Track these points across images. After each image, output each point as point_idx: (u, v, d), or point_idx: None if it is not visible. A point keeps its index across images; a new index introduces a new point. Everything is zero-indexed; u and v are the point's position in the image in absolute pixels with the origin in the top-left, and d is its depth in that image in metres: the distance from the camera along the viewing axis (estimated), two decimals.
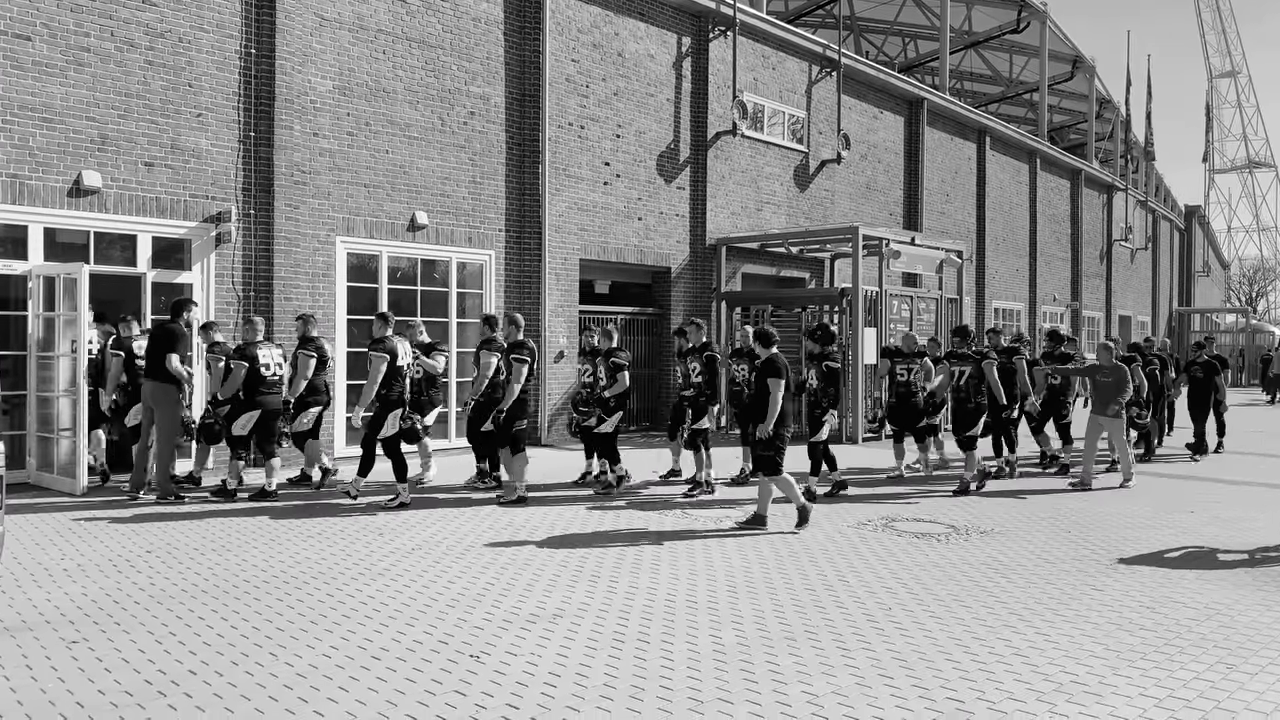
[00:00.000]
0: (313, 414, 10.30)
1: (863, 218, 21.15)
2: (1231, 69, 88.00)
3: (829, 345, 10.50)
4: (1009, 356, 12.04)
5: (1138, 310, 39.32)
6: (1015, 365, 11.97)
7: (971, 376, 10.93)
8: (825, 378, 10.30)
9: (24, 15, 9.84)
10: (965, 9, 29.92)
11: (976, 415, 10.94)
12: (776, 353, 8.73)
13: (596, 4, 15.48)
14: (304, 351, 10.06)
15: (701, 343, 10.73)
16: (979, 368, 10.99)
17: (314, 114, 12.06)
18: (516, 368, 9.62)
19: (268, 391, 9.75)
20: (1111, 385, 11.40)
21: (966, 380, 10.92)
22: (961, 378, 10.97)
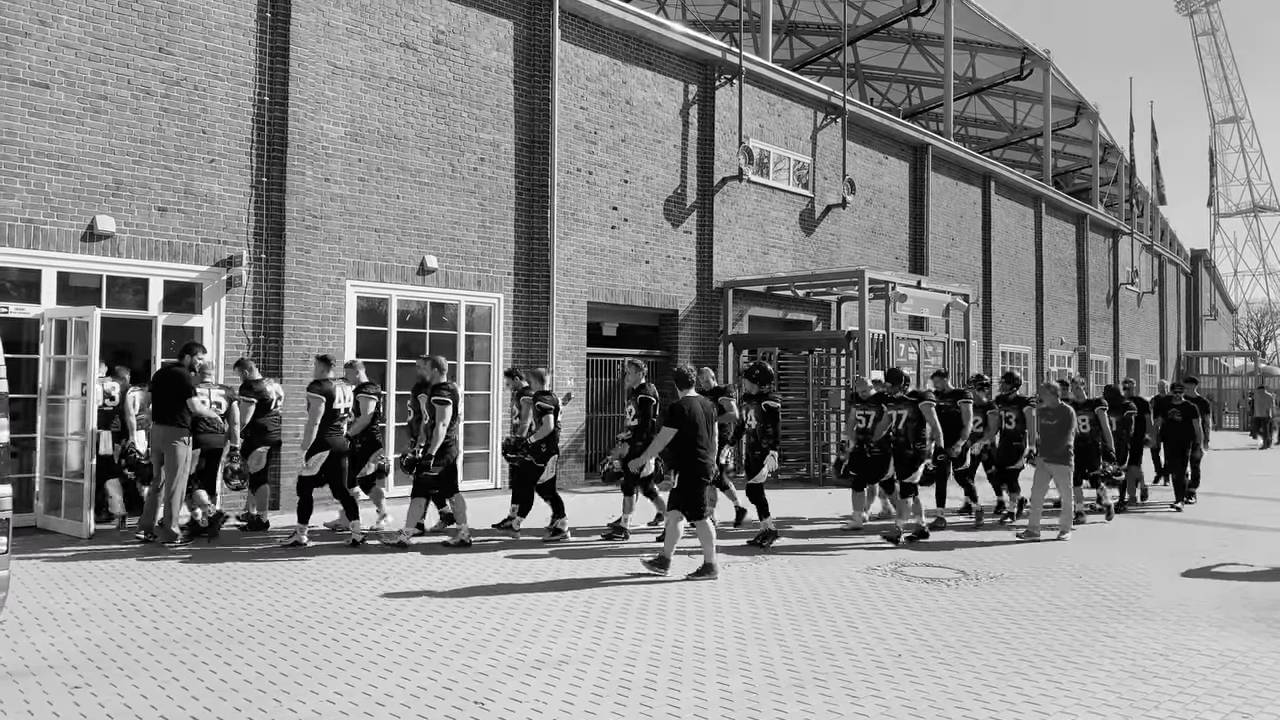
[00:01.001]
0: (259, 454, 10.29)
1: (868, 261, 21.24)
2: (1234, 114, 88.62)
3: (766, 385, 10.28)
4: (953, 400, 11.59)
5: (1146, 354, 39.25)
6: (959, 409, 11.50)
7: (910, 420, 10.56)
8: (764, 418, 10.14)
9: (43, 64, 10.04)
10: (969, 56, 30.29)
11: (916, 461, 10.55)
12: (692, 395, 8.45)
13: (605, 53, 15.72)
14: (243, 396, 10.16)
15: (639, 384, 10.47)
16: (917, 410, 10.61)
17: (326, 160, 12.21)
18: (439, 409, 9.36)
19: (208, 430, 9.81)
20: (1055, 429, 10.89)
21: (905, 424, 10.56)
22: (899, 421, 10.60)
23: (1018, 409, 11.93)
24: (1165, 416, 13.91)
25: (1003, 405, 12.09)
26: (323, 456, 9.57)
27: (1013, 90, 32.59)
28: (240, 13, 11.52)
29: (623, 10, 15.69)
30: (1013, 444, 11.94)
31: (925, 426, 10.64)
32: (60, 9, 10.14)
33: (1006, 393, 12.23)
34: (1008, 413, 11.96)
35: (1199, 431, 13.80)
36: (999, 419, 12.00)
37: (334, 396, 9.63)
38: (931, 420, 10.64)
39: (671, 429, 8.20)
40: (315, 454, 9.54)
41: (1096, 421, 11.94)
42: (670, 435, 8.21)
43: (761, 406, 10.20)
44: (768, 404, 10.19)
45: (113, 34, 10.51)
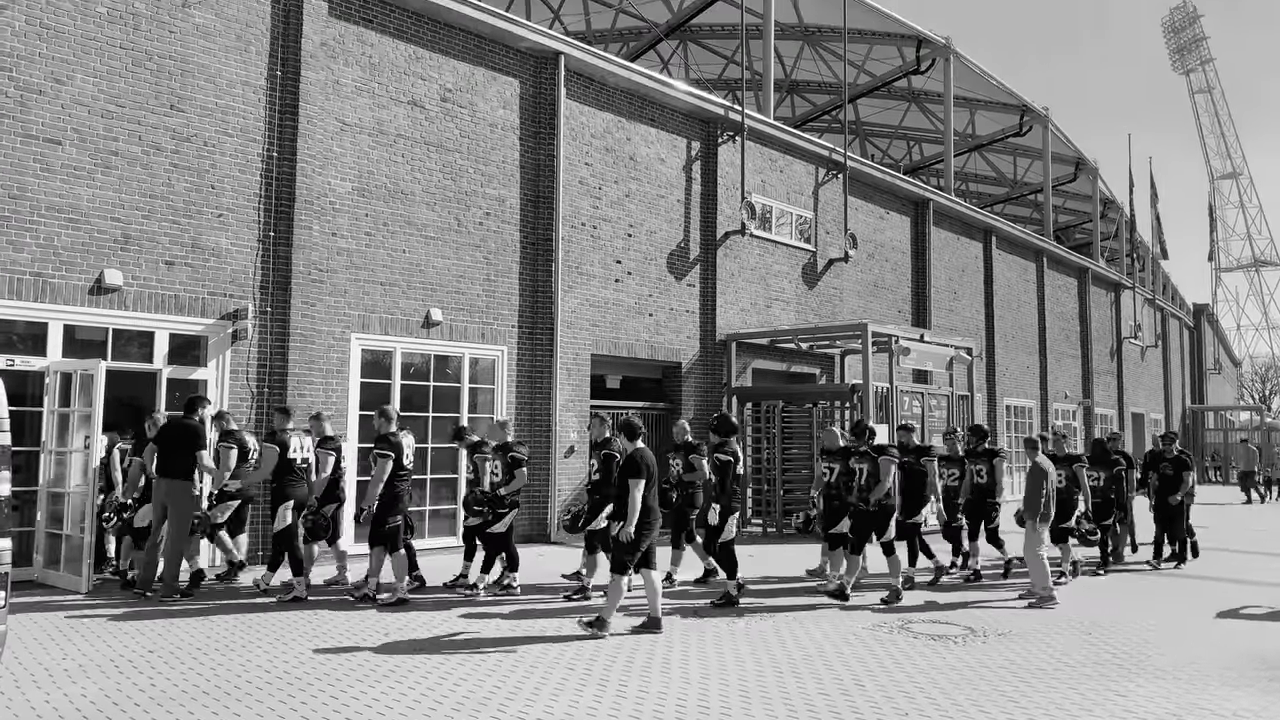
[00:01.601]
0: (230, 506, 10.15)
1: (871, 315, 21.31)
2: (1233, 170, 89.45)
3: (727, 436, 10.02)
4: (918, 456, 11.31)
5: (1150, 407, 39.14)
6: (924, 466, 11.21)
7: (871, 475, 10.18)
8: (716, 470, 9.95)
9: (56, 121, 10.20)
10: (969, 114, 30.70)
11: (884, 518, 10.16)
12: (641, 448, 8.26)
13: (609, 111, 15.96)
14: (223, 444, 10.04)
15: (603, 438, 10.23)
16: (876, 464, 10.21)
17: (333, 214, 12.34)
18: (380, 462, 9.24)
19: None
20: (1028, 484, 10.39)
21: (866, 480, 10.18)
22: (861, 476, 10.23)
23: (988, 462, 11.61)
24: (1158, 471, 13.53)
25: (972, 458, 11.77)
26: (289, 506, 9.58)
27: (1012, 146, 32.98)
28: (251, 71, 11.74)
29: (627, 70, 15.96)
30: (985, 499, 11.61)
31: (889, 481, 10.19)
32: (75, 68, 10.34)
33: (974, 445, 11.86)
34: (978, 466, 11.65)
35: (1187, 483, 13.26)
36: (971, 472, 11.69)
37: (288, 446, 9.67)
38: (884, 476, 10.13)
39: (639, 480, 8.01)
40: (280, 505, 9.57)
41: (1074, 477, 11.57)
42: (640, 486, 8.00)
43: (714, 459, 10.01)
44: (719, 456, 9.95)
45: (125, 91, 10.70)
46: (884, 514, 10.19)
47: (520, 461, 9.97)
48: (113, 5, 10.65)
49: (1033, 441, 10.78)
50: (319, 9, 12.23)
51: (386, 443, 9.31)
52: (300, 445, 9.87)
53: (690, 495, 10.76)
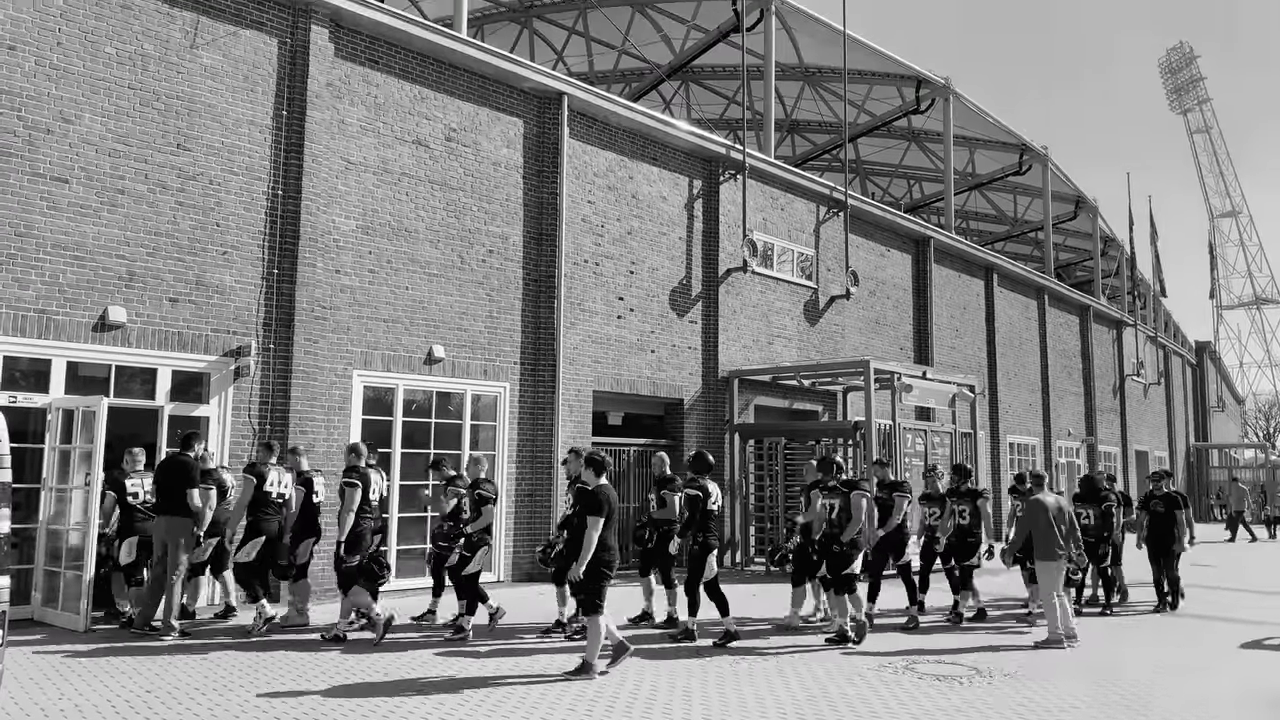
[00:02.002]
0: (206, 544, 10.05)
1: (873, 352, 21.32)
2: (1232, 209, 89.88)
3: (701, 473, 9.92)
4: (890, 491, 11.07)
5: (1154, 445, 39.00)
6: (894, 500, 10.96)
7: (842, 511, 9.88)
8: (686, 504, 9.82)
9: (64, 160, 10.30)
10: (968, 152, 30.93)
11: (852, 554, 9.76)
12: (604, 485, 8.14)
13: (612, 150, 16.09)
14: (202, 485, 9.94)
15: (579, 474, 9.90)
16: (847, 500, 9.91)
17: (337, 252, 12.41)
18: (347, 493, 9.15)
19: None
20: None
21: (837, 515, 9.89)
22: (832, 512, 9.95)
23: (971, 502, 11.42)
24: (1149, 510, 13.08)
25: (955, 498, 11.55)
26: (258, 542, 9.57)
27: (1012, 185, 33.18)
28: (258, 110, 11.86)
29: (629, 110, 16.12)
30: (967, 539, 11.39)
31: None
32: (83, 107, 10.45)
33: (957, 484, 11.67)
34: (961, 506, 11.44)
35: (1183, 524, 12.74)
36: (953, 512, 11.48)
37: (264, 479, 9.66)
38: (856, 513, 9.85)
39: (598, 517, 7.87)
40: (250, 540, 9.54)
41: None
42: (599, 525, 7.85)
43: (685, 493, 9.90)
44: (687, 491, 9.84)
45: (133, 131, 10.81)
46: (853, 550, 9.83)
47: (487, 499, 9.77)
48: (121, 47, 10.79)
49: (1038, 476, 10.70)
50: (325, 50, 12.38)
51: (355, 473, 9.35)
52: (278, 480, 9.85)
53: (668, 533, 10.47)
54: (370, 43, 12.98)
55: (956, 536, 11.44)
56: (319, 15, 12.28)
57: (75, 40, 10.45)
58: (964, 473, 11.86)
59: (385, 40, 13.10)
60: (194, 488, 9.42)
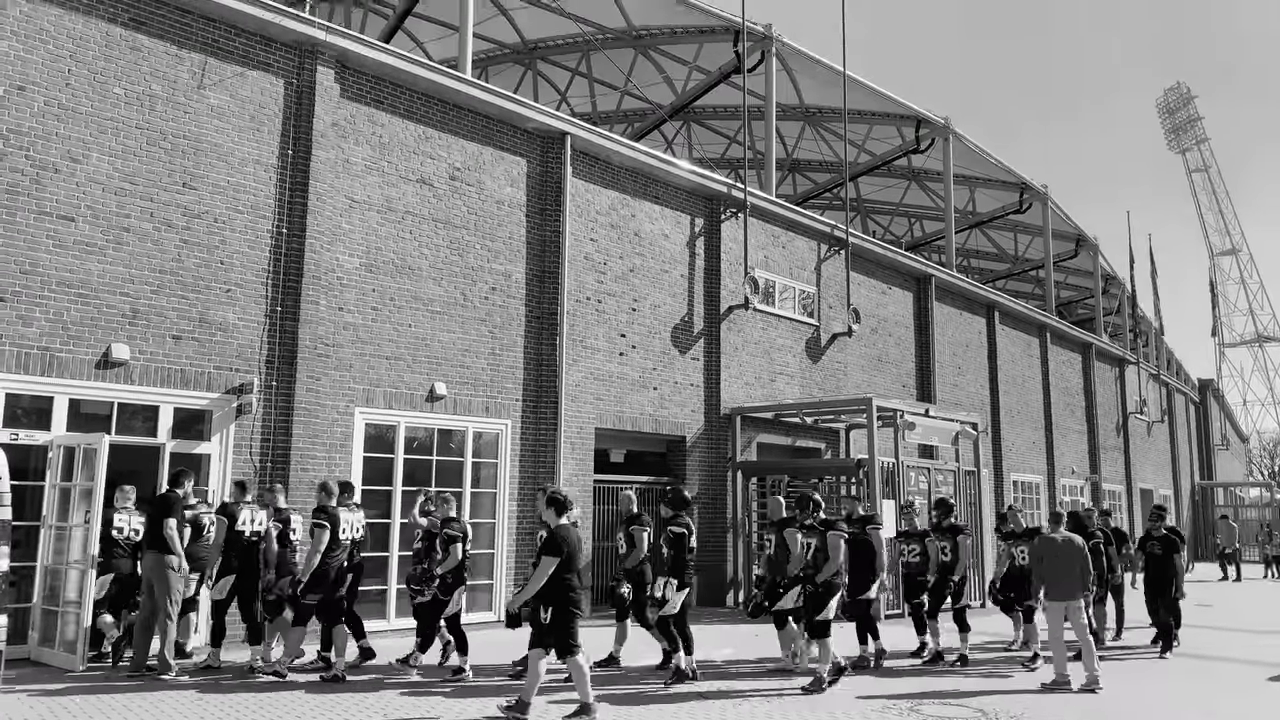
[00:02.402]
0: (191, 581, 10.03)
1: (876, 389, 21.30)
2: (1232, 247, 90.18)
3: (680, 510, 9.83)
4: (863, 526, 10.81)
5: (1159, 484, 38.80)
6: (869, 536, 10.72)
7: (819, 550, 9.58)
8: (670, 544, 9.70)
9: (71, 198, 10.38)
10: (969, 191, 31.11)
11: (827, 596, 9.47)
12: (566, 525, 8.00)
13: (614, 189, 16.21)
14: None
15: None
16: (825, 540, 9.60)
17: (340, 290, 12.46)
18: (317, 534, 9.12)
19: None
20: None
21: (814, 555, 9.61)
22: (809, 551, 9.69)
23: (952, 538, 11.26)
24: (1145, 550, 12.72)
25: (937, 534, 11.39)
26: (229, 580, 9.53)
27: (1013, 223, 33.32)
28: (263, 150, 11.97)
29: (631, 149, 16.26)
30: (948, 577, 11.23)
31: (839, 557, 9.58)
32: (91, 147, 10.56)
33: (938, 520, 11.48)
34: (943, 543, 11.30)
35: (1179, 567, 12.39)
36: (936, 549, 11.33)
37: (236, 518, 9.61)
38: (833, 554, 9.54)
39: (553, 558, 7.73)
40: (222, 578, 9.52)
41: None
42: (552, 565, 7.72)
43: (667, 532, 9.80)
44: (671, 529, 9.75)
45: (140, 170, 10.91)
46: (828, 592, 9.52)
47: (454, 538, 9.68)
48: (130, 87, 10.92)
49: (1057, 515, 10.55)
50: (331, 91, 12.53)
51: (324, 513, 9.31)
52: (251, 518, 9.79)
53: (638, 571, 10.31)
54: (375, 83, 13.13)
55: (938, 574, 11.27)
56: (325, 57, 12.44)
57: (84, 81, 10.58)
58: (946, 508, 11.66)
59: (390, 81, 13.25)
60: (171, 517, 9.32)
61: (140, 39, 11.04)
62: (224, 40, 11.73)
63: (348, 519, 9.60)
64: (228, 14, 11.63)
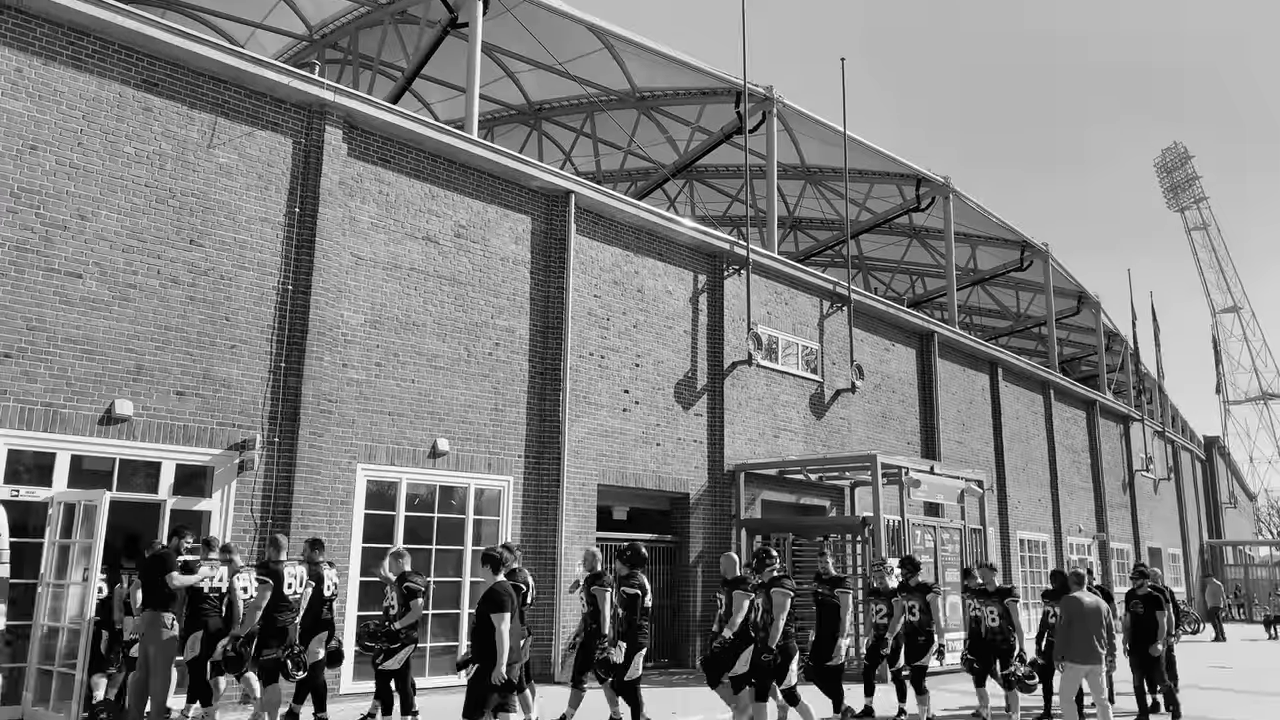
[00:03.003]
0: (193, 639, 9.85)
1: (880, 446, 21.20)
2: (1234, 304, 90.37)
3: (635, 568, 9.64)
4: (831, 587, 10.45)
5: (1168, 542, 38.37)
6: (838, 599, 10.36)
7: (766, 612, 9.20)
8: (624, 604, 9.47)
9: (78, 255, 10.46)
10: (970, 249, 31.31)
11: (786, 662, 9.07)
12: (504, 580, 7.80)
13: (618, 245, 16.33)
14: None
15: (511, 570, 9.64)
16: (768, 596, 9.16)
17: (344, 346, 12.49)
18: (260, 589, 9.05)
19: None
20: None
21: (761, 616, 9.20)
22: (757, 612, 9.24)
23: (921, 597, 11.00)
24: (1128, 609, 12.32)
25: (905, 593, 11.10)
26: (198, 636, 9.49)
27: (1014, 281, 33.48)
28: (270, 208, 12.10)
29: (635, 207, 16.43)
30: (918, 638, 10.89)
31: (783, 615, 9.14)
32: (101, 205, 10.68)
33: (907, 578, 11.20)
34: (910, 602, 11.00)
35: (1162, 626, 11.92)
36: (903, 609, 11.01)
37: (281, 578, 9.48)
38: (778, 613, 9.13)
39: (504, 614, 7.53)
40: (191, 634, 9.48)
41: (1007, 614, 10.86)
42: (507, 620, 7.52)
43: (621, 592, 9.59)
44: (625, 590, 9.54)
45: (147, 227, 11.02)
46: (785, 657, 9.13)
47: (415, 593, 9.58)
48: (140, 146, 11.08)
49: (1078, 575, 10.30)
50: (339, 150, 12.70)
51: (266, 569, 9.28)
52: (214, 575, 9.71)
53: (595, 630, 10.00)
54: (383, 143, 13.31)
55: (906, 635, 10.95)
56: (333, 117, 12.64)
57: (96, 140, 10.73)
58: (914, 565, 11.42)
59: (397, 140, 13.44)
60: (170, 572, 9.21)
61: (152, 100, 11.23)
62: (234, 101, 11.93)
63: (293, 573, 9.51)
64: (239, 75, 11.84)
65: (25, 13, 10.32)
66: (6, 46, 10.20)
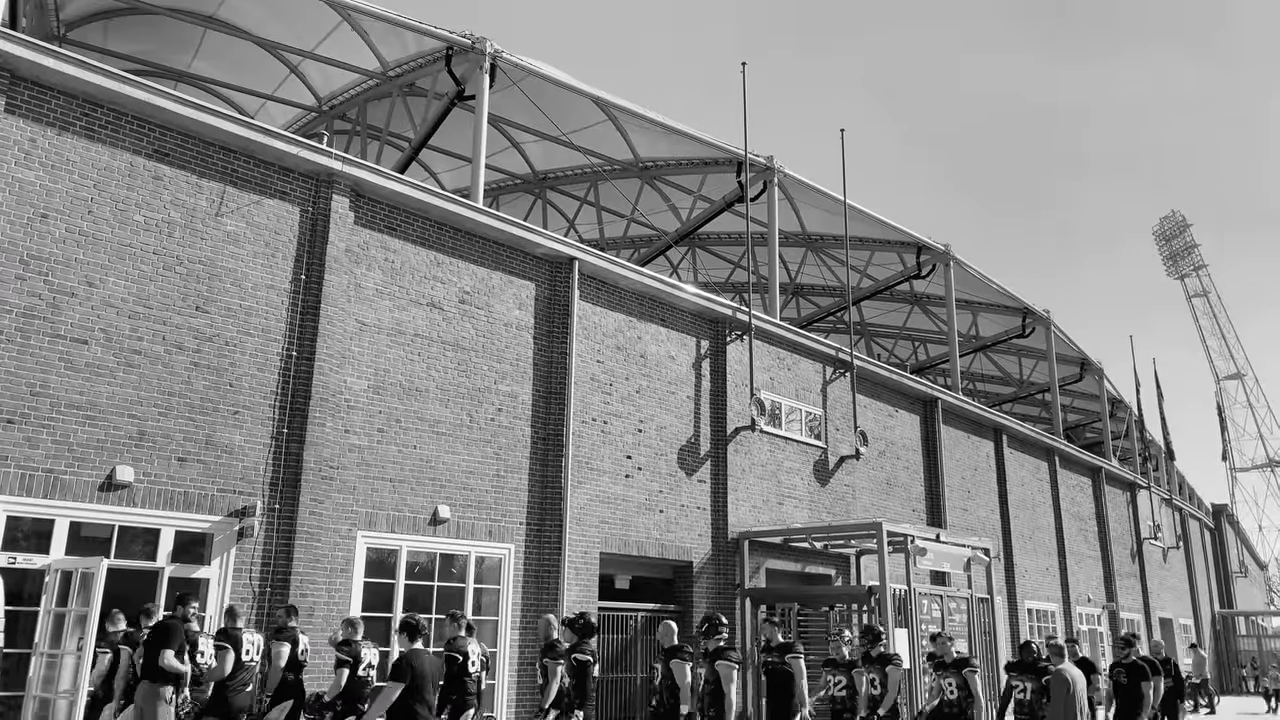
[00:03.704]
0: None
1: (885, 513, 21.02)
2: (1237, 371, 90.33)
3: (586, 636, 9.47)
4: (781, 654, 10.14)
5: (1178, 612, 37.79)
6: (789, 665, 10.01)
7: (708, 681, 8.83)
8: (573, 672, 9.23)
9: (85, 322, 10.53)
10: (971, 316, 31.44)
11: None
12: (418, 649, 7.60)
13: (621, 311, 16.42)
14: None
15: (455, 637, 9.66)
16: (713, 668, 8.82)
17: (347, 412, 12.48)
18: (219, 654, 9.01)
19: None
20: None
21: (704, 688, 8.86)
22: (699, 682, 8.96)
23: (880, 669, 10.68)
24: (1112, 678, 11.88)
25: (865, 665, 10.79)
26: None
27: (1017, 347, 33.53)
28: (277, 275, 12.20)
29: (638, 274, 16.55)
30: (877, 712, 10.55)
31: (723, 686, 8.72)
32: (109, 271, 10.77)
33: (868, 648, 10.90)
34: (871, 674, 10.70)
35: (1147, 698, 11.45)
36: (865, 681, 10.72)
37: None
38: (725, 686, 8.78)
39: (397, 684, 7.36)
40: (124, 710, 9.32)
41: (965, 685, 10.50)
42: (395, 691, 7.35)
43: (571, 660, 9.43)
44: (576, 657, 9.39)
45: (154, 293, 11.10)
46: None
47: (341, 663, 9.44)
48: (150, 214, 11.22)
49: (1058, 647, 10.14)
50: (345, 218, 12.85)
51: (225, 635, 9.37)
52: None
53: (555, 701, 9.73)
54: (389, 211, 13.47)
55: (867, 709, 10.62)
56: (340, 185, 12.81)
57: (106, 208, 10.88)
58: (875, 635, 11.12)
59: (404, 209, 13.61)
60: (168, 648, 9.07)
61: (163, 169, 11.41)
62: (243, 170, 12.12)
63: (251, 640, 9.51)
64: (248, 145, 12.04)
65: (41, 85, 10.55)
66: (21, 118, 10.40)
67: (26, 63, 10.26)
